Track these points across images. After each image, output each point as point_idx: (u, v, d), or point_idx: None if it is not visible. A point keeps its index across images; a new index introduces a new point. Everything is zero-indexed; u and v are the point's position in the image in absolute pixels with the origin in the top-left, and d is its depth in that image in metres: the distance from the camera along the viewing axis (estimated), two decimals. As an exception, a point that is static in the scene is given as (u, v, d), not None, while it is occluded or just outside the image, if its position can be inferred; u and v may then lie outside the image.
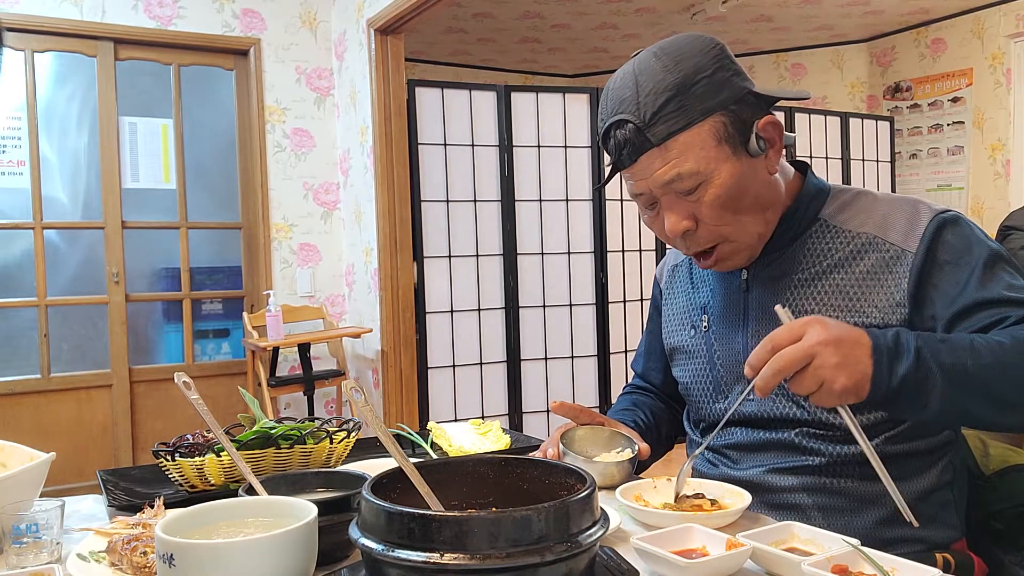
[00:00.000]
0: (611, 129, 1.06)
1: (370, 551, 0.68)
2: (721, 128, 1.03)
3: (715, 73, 1.03)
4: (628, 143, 1.05)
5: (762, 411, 1.12)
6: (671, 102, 1.02)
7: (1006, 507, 1.17)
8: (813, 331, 0.88)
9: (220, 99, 4.35)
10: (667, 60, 1.03)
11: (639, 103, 1.03)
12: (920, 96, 5.82)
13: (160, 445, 1.12)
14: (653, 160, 1.04)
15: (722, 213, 1.06)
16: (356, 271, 4.34)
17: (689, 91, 1.02)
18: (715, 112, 1.03)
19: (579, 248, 4.36)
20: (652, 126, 1.03)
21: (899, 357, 0.91)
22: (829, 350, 0.87)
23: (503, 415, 4.25)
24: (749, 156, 1.06)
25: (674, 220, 1.07)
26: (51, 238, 3.97)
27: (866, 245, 1.08)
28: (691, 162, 1.03)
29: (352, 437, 1.19)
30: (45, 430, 3.86)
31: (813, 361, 0.87)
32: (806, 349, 0.87)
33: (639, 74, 1.04)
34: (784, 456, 1.12)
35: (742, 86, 1.05)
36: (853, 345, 0.89)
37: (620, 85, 1.06)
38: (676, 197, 1.06)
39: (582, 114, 4.36)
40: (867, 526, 1.07)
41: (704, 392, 1.22)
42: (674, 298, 1.32)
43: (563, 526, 0.68)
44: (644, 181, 1.07)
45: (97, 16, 3.95)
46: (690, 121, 1.02)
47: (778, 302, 1.11)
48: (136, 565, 0.84)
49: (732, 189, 1.05)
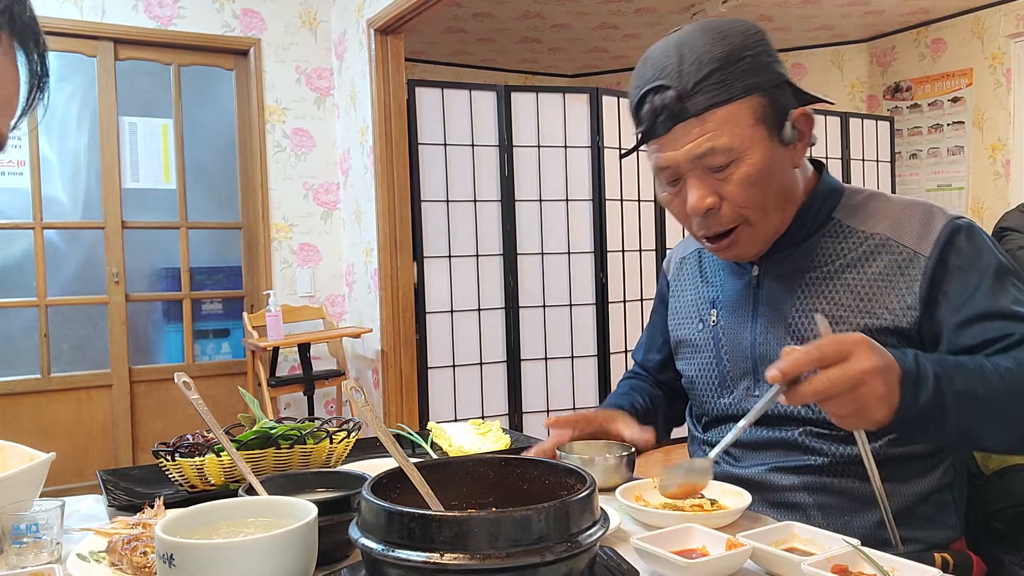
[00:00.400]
0: (648, 94, 1.04)
1: (370, 551, 0.68)
2: (760, 108, 1.03)
3: (758, 55, 1.03)
4: (665, 110, 1.02)
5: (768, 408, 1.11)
6: (714, 74, 1.00)
7: (1006, 507, 1.17)
8: (862, 355, 0.85)
9: (220, 99, 4.35)
10: (713, 34, 1.02)
11: (681, 71, 1.01)
12: (920, 96, 5.82)
13: (160, 445, 1.12)
14: (688, 131, 1.02)
15: (749, 194, 1.05)
16: (356, 271, 4.34)
17: (733, 66, 1.01)
18: (755, 91, 1.02)
19: (579, 248, 4.36)
20: (693, 95, 1.01)
21: (921, 385, 0.90)
22: (878, 379, 0.85)
23: (503, 415, 4.25)
24: (781, 143, 1.05)
25: (699, 196, 1.05)
26: (51, 238, 3.97)
27: (879, 246, 1.08)
28: (727, 137, 1.02)
29: (352, 437, 1.19)
30: (45, 430, 3.86)
31: (860, 388, 0.85)
32: (857, 374, 0.84)
33: (682, 45, 1.03)
34: (787, 455, 1.11)
35: (781, 73, 1.05)
36: (893, 374, 0.88)
37: (661, 54, 1.04)
38: (703, 173, 1.05)
39: (582, 114, 4.36)
40: (867, 526, 1.06)
41: (709, 386, 1.22)
42: (682, 291, 1.31)
43: (563, 526, 0.68)
44: (674, 153, 1.05)
45: (97, 16, 3.95)
46: (731, 96, 1.01)
47: (789, 299, 1.11)
48: (136, 565, 0.84)
49: (762, 171, 1.04)
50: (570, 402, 4.37)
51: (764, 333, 1.13)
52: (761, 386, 1.13)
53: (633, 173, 4.57)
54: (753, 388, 1.15)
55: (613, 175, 4.44)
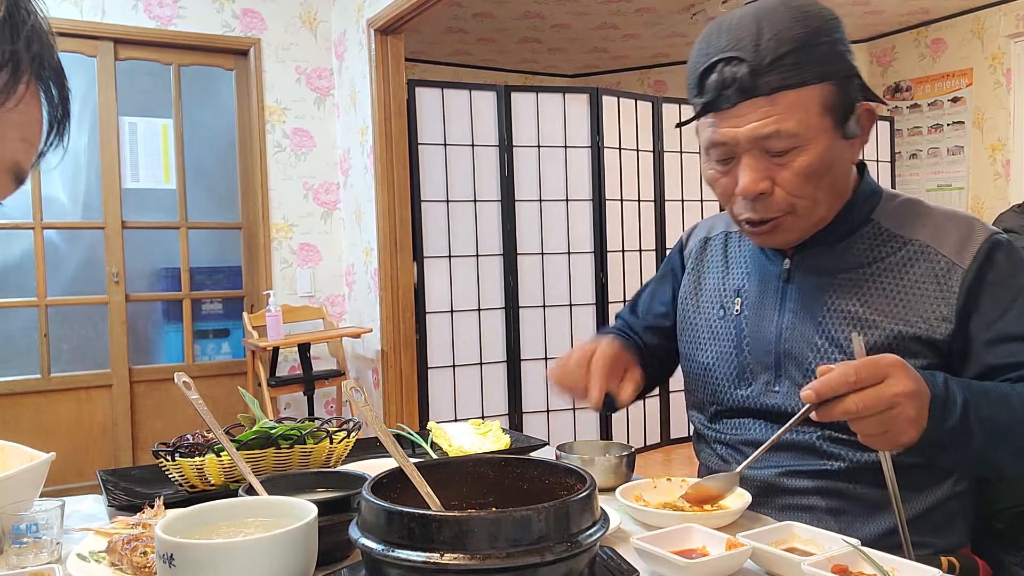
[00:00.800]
0: (719, 64, 0.99)
1: (370, 551, 0.68)
2: (830, 97, 0.99)
3: (835, 42, 1.00)
4: (736, 83, 0.98)
5: (787, 404, 1.09)
6: (792, 54, 0.97)
7: (1006, 507, 1.17)
8: (897, 378, 0.85)
9: (220, 99, 4.35)
10: (796, 12, 0.98)
11: (759, 45, 0.97)
12: (920, 96, 5.82)
13: (160, 445, 1.12)
14: (756, 109, 0.98)
15: (804, 184, 1.02)
16: (356, 271, 4.34)
17: (811, 50, 0.97)
18: (828, 79, 0.99)
19: (579, 248, 4.36)
20: (767, 72, 0.97)
21: (948, 409, 0.90)
22: (911, 403, 0.85)
23: (503, 415, 4.25)
24: (843, 137, 1.03)
25: (753, 179, 1.01)
26: (51, 238, 3.97)
27: (918, 253, 1.06)
28: (794, 122, 0.98)
29: (352, 437, 1.19)
30: (45, 430, 3.86)
31: (891, 410, 0.84)
32: (890, 397, 0.84)
33: (762, 18, 0.99)
34: (802, 458, 1.09)
35: (853, 64, 1.02)
36: (925, 399, 0.87)
37: (738, 24, 1.00)
38: (761, 155, 1.01)
39: (582, 114, 4.36)
40: (879, 532, 1.06)
41: (727, 377, 1.18)
42: (702, 273, 1.27)
43: (563, 526, 0.68)
44: (735, 130, 1.00)
45: (97, 16, 3.95)
46: (805, 80, 0.98)
47: (821, 297, 1.08)
48: (136, 565, 0.84)
49: (823, 163, 1.01)
50: (570, 402, 4.37)
51: (791, 329, 1.10)
52: (781, 382, 1.11)
53: (633, 173, 4.57)
54: (773, 383, 1.12)
55: (613, 175, 4.44)
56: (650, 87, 6.87)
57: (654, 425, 4.76)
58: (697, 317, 1.25)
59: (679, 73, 6.82)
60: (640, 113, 4.60)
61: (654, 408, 4.73)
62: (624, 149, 4.51)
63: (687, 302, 1.27)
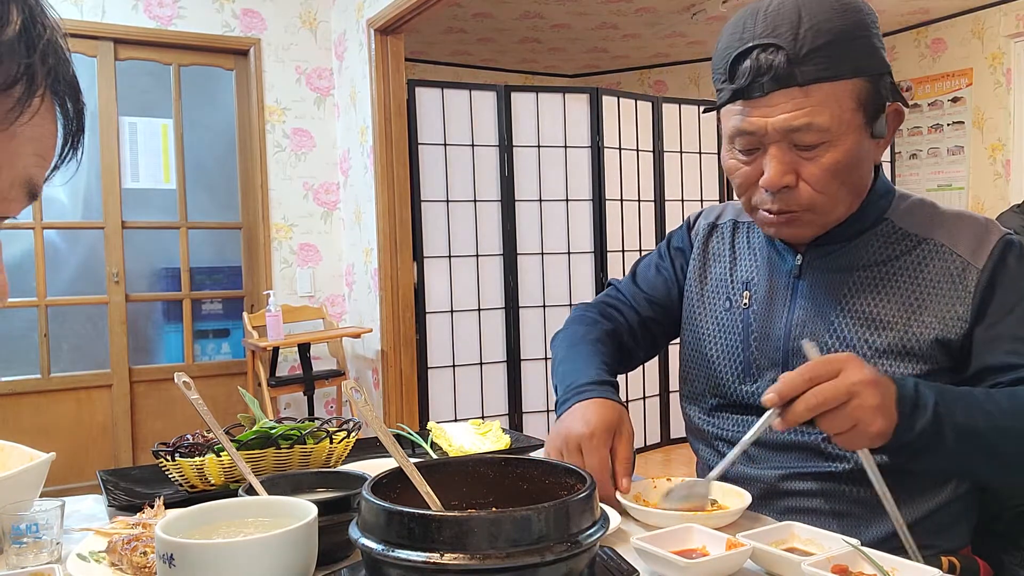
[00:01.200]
0: (754, 51, 0.97)
1: (370, 551, 0.68)
2: (864, 93, 0.98)
3: (872, 37, 0.98)
4: (771, 71, 0.95)
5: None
6: (831, 46, 0.95)
7: (1006, 507, 1.17)
8: (853, 369, 0.86)
9: (220, 99, 4.35)
10: (836, 3, 0.96)
11: (799, 34, 0.95)
12: (920, 96, 5.82)
13: (160, 445, 1.12)
14: (789, 99, 0.96)
15: (830, 180, 1.00)
16: (356, 271, 4.34)
17: (850, 43, 0.96)
18: (863, 75, 0.97)
19: (579, 248, 4.36)
20: (804, 63, 0.95)
21: (919, 411, 0.90)
22: (870, 391, 0.85)
23: (503, 415, 4.25)
24: (871, 135, 1.01)
25: (779, 172, 0.99)
26: (51, 238, 3.97)
27: (933, 252, 1.05)
28: (826, 116, 0.96)
29: (352, 437, 1.19)
30: (45, 430, 3.86)
31: (852, 400, 0.85)
32: (848, 387, 0.85)
33: (803, 5, 0.96)
34: (806, 460, 1.08)
35: (887, 62, 1.01)
36: (887, 389, 0.87)
37: (776, 9, 0.97)
38: (788, 148, 0.99)
39: (582, 114, 4.36)
40: (882, 535, 1.05)
41: (732, 371, 1.16)
42: (707, 261, 1.24)
43: (563, 526, 0.68)
44: (765, 120, 0.98)
45: (97, 16, 3.95)
46: (840, 73, 0.96)
47: (833, 295, 1.07)
48: (136, 565, 0.84)
49: (850, 160, 0.99)
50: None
51: (801, 326, 1.09)
52: None
53: (633, 173, 4.57)
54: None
55: (613, 175, 4.44)
56: (650, 87, 6.87)
57: (654, 425, 4.76)
58: (702, 307, 1.23)
59: (679, 73, 6.82)
60: (640, 113, 4.60)
61: (654, 408, 4.73)
62: (624, 149, 4.51)
63: (692, 288, 1.25)
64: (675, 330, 1.32)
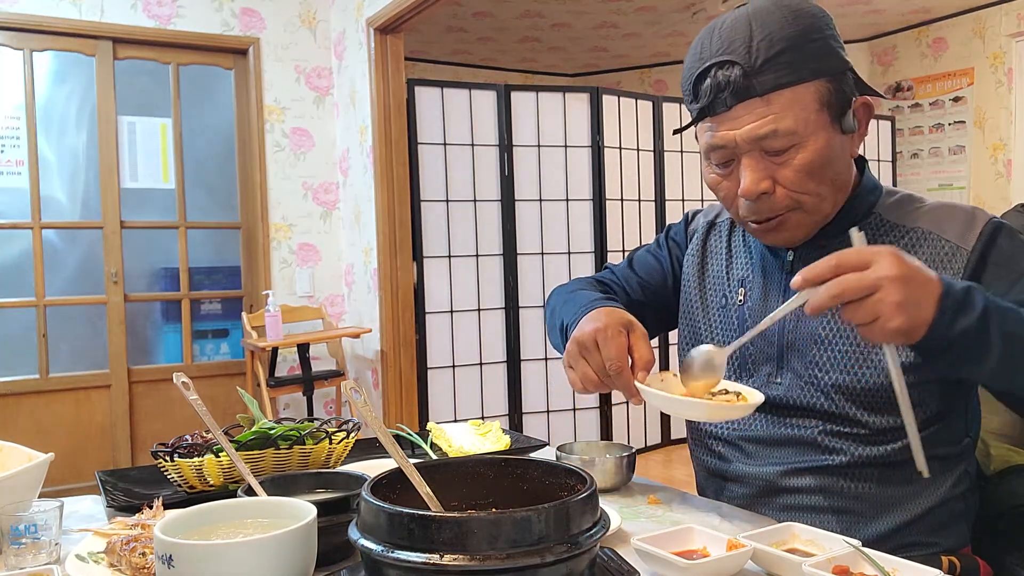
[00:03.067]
0: (712, 69, 1.01)
1: (370, 552, 0.68)
2: (826, 93, 1.00)
3: (828, 38, 1.01)
4: (729, 86, 0.99)
5: (788, 396, 1.09)
6: (785, 53, 0.98)
7: (1007, 507, 1.17)
8: (883, 263, 0.84)
9: (219, 98, 4.35)
10: (786, 12, 0.99)
11: (752, 47, 0.98)
12: (921, 95, 5.82)
13: (159, 446, 1.11)
14: (752, 110, 0.99)
15: (805, 180, 1.02)
16: (355, 271, 4.34)
17: (804, 47, 0.98)
18: (823, 76, 1.00)
19: (579, 248, 4.36)
20: (761, 73, 0.98)
21: (964, 310, 0.87)
22: (895, 287, 0.83)
23: (503, 415, 4.25)
24: (841, 131, 1.03)
25: (754, 180, 1.02)
26: (50, 238, 3.97)
27: (920, 239, 1.06)
28: (791, 120, 0.99)
29: (351, 437, 1.19)
30: (44, 430, 3.86)
31: (875, 294, 0.83)
32: (871, 281, 0.83)
33: (753, 19, 1.00)
34: (803, 454, 1.09)
35: (846, 60, 1.03)
36: (921, 287, 0.85)
37: (731, 26, 1.01)
38: (760, 156, 1.02)
39: (582, 113, 4.36)
40: (882, 532, 1.06)
41: (728, 368, 1.17)
42: (706, 258, 1.26)
43: (563, 527, 0.67)
44: (733, 132, 1.01)
45: (96, 15, 3.94)
46: (799, 78, 0.98)
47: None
48: (135, 566, 0.84)
49: (824, 158, 1.01)
50: (570, 402, 4.37)
51: (794, 321, 1.10)
52: (783, 374, 1.11)
53: (633, 173, 4.57)
54: (775, 375, 1.12)
55: (613, 175, 4.43)
56: (650, 86, 6.87)
57: (654, 425, 4.76)
58: (700, 304, 1.24)
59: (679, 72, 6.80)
60: (640, 112, 4.60)
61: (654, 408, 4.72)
62: (624, 149, 4.50)
63: (690, 285, 1.26)
64: (662, 321, 1.33)
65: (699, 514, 1.08)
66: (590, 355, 1.04)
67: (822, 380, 1.07)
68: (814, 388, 1.07)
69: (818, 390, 1.07)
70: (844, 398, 1.05)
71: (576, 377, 1.07)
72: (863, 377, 1.04)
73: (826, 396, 1.06)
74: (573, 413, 4.40)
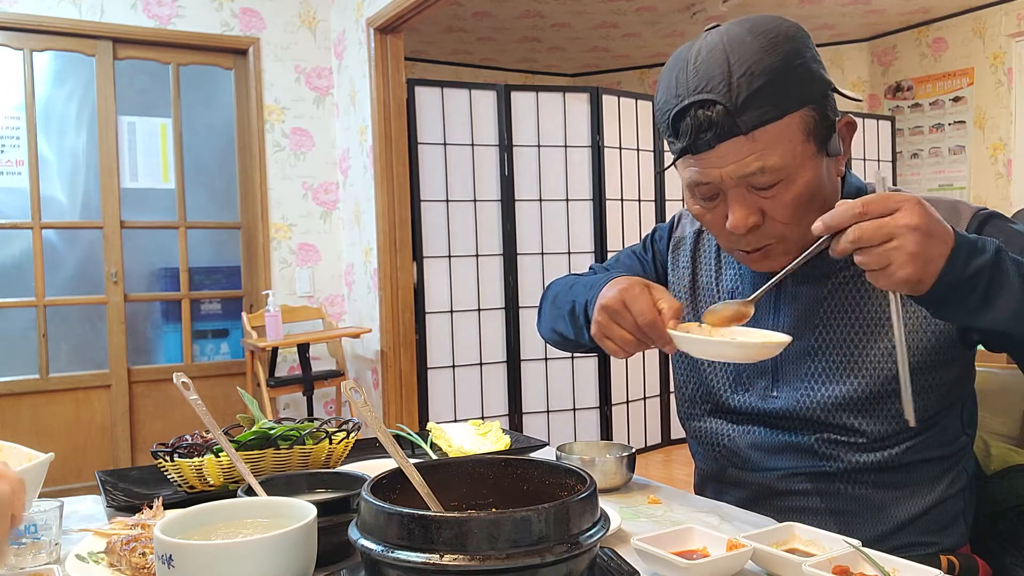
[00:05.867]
0: (691, 108, 0.95)
1: (370, 552, 0.68)
2: (811, 122, 0.96)
3: (808, 61, 0.96)
4: (713, 127, 0.94)
5: (785, 409, 1.09)
6: (767, 87, 0.93)
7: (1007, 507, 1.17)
8: (907, 212, 0.81)
9: (219, 98, 4.35)
10: (763, 40, 0.94)
11: (732, 84, 0.93)
12: (921, 95, 5.82)
13: (159, 445, 1.11)
14: (736, 149, 0.95)
15: (794, 213, 0.99)
16: (355, 271, 4.34)
17: (786, 77, 0.94)
18: (808, 104, 0.96)
19: (579, 248, 4.36)
20: (743, 112, 0.93)
21: (977, 252, 0.85)
22: (913, 237, 0.80)
23: (503, 415, 4.25)
24: (828, 156, 1.01)
25: (742, 215, 0.99)
26: (49, 238, 3.97)
27: None
28: (777, 156, 0.95)
29: (351, 437, 1.19)
30: (44, 430, 3.86)
31: (891, 242, 0.81)
32: (891, 229, 0.81)
33: (730, 52, 0.94)
34: (800, 460, 1.09)
35: (828, 79, 0.99)
36: (939, 241, 0.82)
37: (707, 60, 0.95)
38: (747, 191, 0.98)
39: (582, 113, 4.36)
40: (880, 533, 1.06)
41: (723, 381, 1.16)
42: (697, 268, 1.23)
43: (563, 527, 0.67)
44: (718, 170, 0.97)
45: (96, 15, 3.94)
46: (784, 111, 0.94)
47: (816, 299, 1.08)
48: (135, 566, 0.84)
49: (811, 189, 0.98)
50: (570, 402, 4.37)
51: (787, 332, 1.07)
52: (780, 387, 1.10)
53: (633, 173, 4.56)
54: (771, 388, 1.11)
55: (613, 175, 4.43)
56: (650, 87, 6.87)
57: (654, 425, 4.75)
58: (692, 314, 1.22)
59: (679, 73, 6.82)
60: (640, 112, 4.60)
61: (654, 408, 4.73)
62: (624, 149, 4.50)
63: (682, 296, 1.24)
64: None
65: (699, 514, 1.08)
66: (621, 317, 1.01)
67: (817, 392, 1.07)
68: (810, 400, 1.07)
69: (814, 401, 1.07)
70: (839, 408, 1.05)
71: (613, 345, 1.03)
72: (857, 387, 1.04)
73: (822, 407, 1.06)
74: (573, 413, 4.40)
